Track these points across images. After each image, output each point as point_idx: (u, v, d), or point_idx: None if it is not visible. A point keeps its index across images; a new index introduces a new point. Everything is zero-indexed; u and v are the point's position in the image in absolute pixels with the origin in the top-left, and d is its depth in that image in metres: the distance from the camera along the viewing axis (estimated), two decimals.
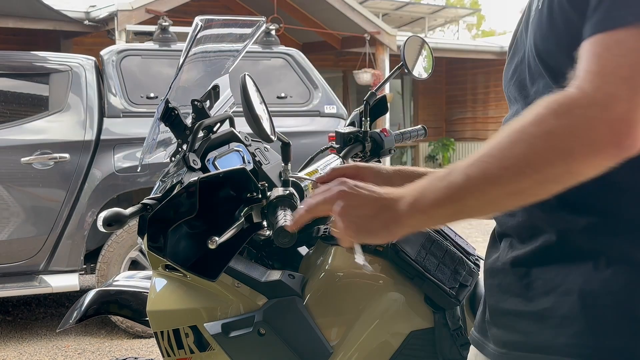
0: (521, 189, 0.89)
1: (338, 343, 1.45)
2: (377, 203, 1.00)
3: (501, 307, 1.04)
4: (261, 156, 1.73)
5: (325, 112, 5.27)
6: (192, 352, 1.51)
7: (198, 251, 1.32)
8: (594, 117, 0.83)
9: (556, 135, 0.85)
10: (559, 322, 0.95)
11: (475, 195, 0.92)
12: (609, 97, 0.83)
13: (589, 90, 0.84)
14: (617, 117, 0.82)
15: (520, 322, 1.00)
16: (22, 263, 4.43)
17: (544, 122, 0.86)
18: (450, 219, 0.97)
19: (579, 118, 0.84)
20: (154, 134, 1.76)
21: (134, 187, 4.66)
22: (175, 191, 1.50)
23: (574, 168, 0.86)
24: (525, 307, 1.00)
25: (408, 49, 1.83)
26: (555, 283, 0.96)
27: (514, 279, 1.02)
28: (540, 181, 0.88)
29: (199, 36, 1.67)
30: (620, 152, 0.84)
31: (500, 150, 0.89)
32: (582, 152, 0.84)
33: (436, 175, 0.97)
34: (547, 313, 0.97)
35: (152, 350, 4.32)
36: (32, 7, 8.32)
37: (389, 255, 1.46)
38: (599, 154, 0.84)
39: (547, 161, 0.86)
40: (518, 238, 1.04)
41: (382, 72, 10.96)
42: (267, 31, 5.37)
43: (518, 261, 1.02)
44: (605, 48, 0.85)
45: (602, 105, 0.83)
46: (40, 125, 4.56)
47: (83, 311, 2.03)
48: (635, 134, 0.83)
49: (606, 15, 0.87)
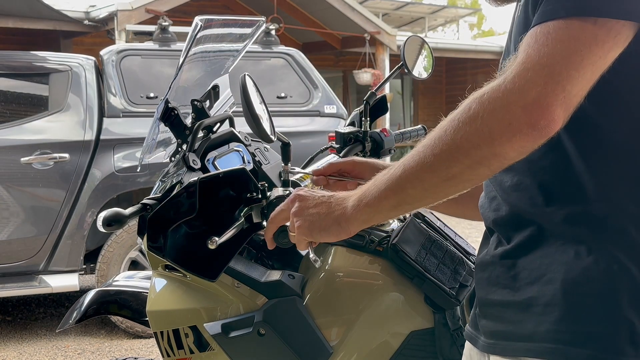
0: (454, 173, 0.96)
1: (338, 343, 1.44)
2: (328, 202, 1.10)
3: (490, 299, 1.08)
4: (261, 156, 1.73)
5: (325, 112, 5.27)
6: (192, 352, 1.51)
7: (198, 251, 1.32)
8: (510, 101, 0.90)
9: (479, 119, 0.92)
10: (542, 310, 0.99)
11: (413, 184, 0.99)
12: (526, 83, 0.90)
13: (510, 77, 0.91)
14: (532, 100, 0.89)
15: (507, 312, 1.04)
16: (22, 263, 4.42)
17: (470, 109, 0.93)
18: (396, 209, 1.04)
19: (498, 102, 0.91)
20: (153, 134, 1.76)
21: (133, 187, 4.66)
22: (175, 191, 1.50)
23: (498, 150, 0.92)
24: (512, 298, 1.04)
25: (408, 49, 1.83)
26: (539, 273, 1.01)
27: (502, 270, 1.06)
28: (469, 165, 0.94)
29: (198, 36, 1.67)
30: (536, 132, 0.90)
31: (433, 139, 0.97)
32: (502, 134, 0.91)
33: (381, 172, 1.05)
34: (531, 302, 1.01)
35: (152, 350, 4.32)
36: (32, 6, 8.32)
37: (389, 255, 1.46)
38: (516, 134, 0.91)
39: (473, 144, 0.93)
40: (504, 232, 1.08)
41: (382, 72, 10.96)
42: (267, 31, 5.37)
43: (505, 254, 1.06)
44: (534, 39, 0.93)
45: (518, 90, 0.90)
46: (40, 125, 4.56)
47: (83, 311, 2.03)
48: (548, 116, 0.90)
49: (543, 9, 0.94)
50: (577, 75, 0.90)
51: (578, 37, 0.90)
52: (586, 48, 0.90)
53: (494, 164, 0.95)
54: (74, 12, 9.10)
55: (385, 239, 1.49)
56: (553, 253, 1.00)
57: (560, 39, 0.91)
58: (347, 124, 1.90)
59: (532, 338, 1.00)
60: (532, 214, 1.03)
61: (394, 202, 1.02)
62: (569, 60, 0.90)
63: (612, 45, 0.91)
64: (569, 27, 0.91)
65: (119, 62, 4.82)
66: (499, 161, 0.94)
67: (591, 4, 0.91)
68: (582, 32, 0.90)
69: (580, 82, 0.90)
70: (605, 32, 0.90)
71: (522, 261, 1.03)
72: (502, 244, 1.08)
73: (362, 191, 1.06)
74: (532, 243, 1.03)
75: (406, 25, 14.90)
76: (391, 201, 1.02)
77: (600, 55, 0.91)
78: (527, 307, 1.01)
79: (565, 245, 1.00)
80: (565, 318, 0.97)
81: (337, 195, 1.10)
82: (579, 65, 0.90)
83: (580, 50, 0.90)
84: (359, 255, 1.50)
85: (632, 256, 0.97)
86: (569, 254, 0.99)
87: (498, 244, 1.09)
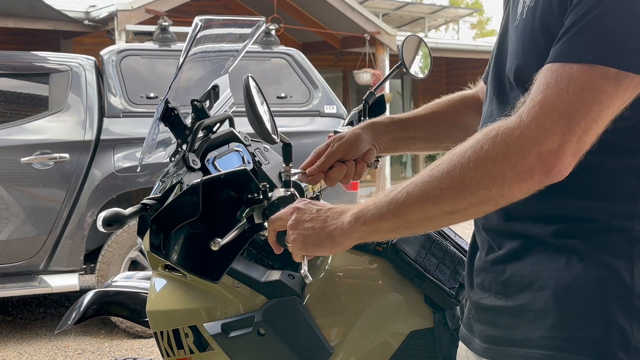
0: (457, 209, 0.97)
1: (338, 343, 1.45)
2: (324, 217, 1.10)
3: (483, 304, 1.08)
4: (261, 156, 1.73)
5: (325, 112, 5.27)
6: (191, 352, 1.51)
7: (200, 253, 1.32)
8: (525, 149, 0.90)
9: (491, 162, 0.92)
10: (534, 317, 1.00)
11: (415, 213, 0.99)
12: (543, 131, 0.89)
13: (527, 121, 0.90)
14: (548, 150, 0.89)
15: (500, 318, 1.05)
16: (22, 263, 4.42)
17: (482, 148, 0.93)
18: (393, 232, 1.05)
19: (512, 147, 0.91)
20: (153, 134, 1.76)
21: (133, 187, 4.66)
22: (175, 191, 1.50)
23: (506, 192, 0.93)
24: (504, 303, 1.04)
25: (406, 48, 1.83)
26: (530, 279, 1.01)
27: (494, 276, 1.07)
28: (475, 203, 0.95)
29: (198, 36, 1.67)
30: (548, 179, 0.91)
31: (441, 172, 0.96)
32: (514, 179, 0.91)
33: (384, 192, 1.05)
34: (524, 308, 1.02)
35: (152, 350, 4.32)
36: (32, 6, 8.31)
37: (389, 255, 1.46)
38: (528, 180, 0.91)
39: (482, 185, 0.93)
40: (494, 239, 1.08)
41: (382, 72, 10.95)
42: (267, 31, 5.37)
43: (497, 260, 1.07)
44: (555, 79, 0.90)
45: (535, 138, 0.89)
46: (40, 125, 4.56)
47: (82, 312, 2.02)
48: (561, 164, 0.90)
49: (567, 46, 0.91)
50: (594, 126, 0.89)
51: (601, 87, 0.88)
52: (608, 99, 0.89)
53: (500, 204, 0.96)
54: (74, 12, 9.10)
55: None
56: (544, 260, 1.01)
57: (583, 87, 0.89)
58: (346, 124, 1.89)
59: (526, 344, 1.01)
60: (522, 227, 1.04)
61: (392, 226, 1.02)
62: (589, 110, 0.88)
63: (631, 95, 0.91)
64: (593, 75, 0.89)
65: (119, 62, 4.82)
66: (505, 202, 0.95)
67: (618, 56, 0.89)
68: (606, 82, 0.88)
69: (596, 131, 0.90)
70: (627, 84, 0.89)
71: (513, 268, 1.04)
72: (493, 250, 1.08)
73: (361, 208, 1.05)
74: (523, 250, 1.03)
75: (406, 25, 14.89)
76: (390, 224, 1.02)
77: (619, 106, 0.90)
78: (520, 313, 1.02)
79: (556, 253, 1.00)
80: (558, 324, 0.98)
81: (334, 210, 1.11)
82: (598, 116, 0.89)
83: (601, 100, 0.88)
84: (359, 255, 1.50)
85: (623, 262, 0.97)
86: (560, 262, 0.99)
87: (489, 249, 1.09)
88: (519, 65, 1.01)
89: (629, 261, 0.97)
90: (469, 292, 1.14)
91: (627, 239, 0.97)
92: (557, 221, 1.00)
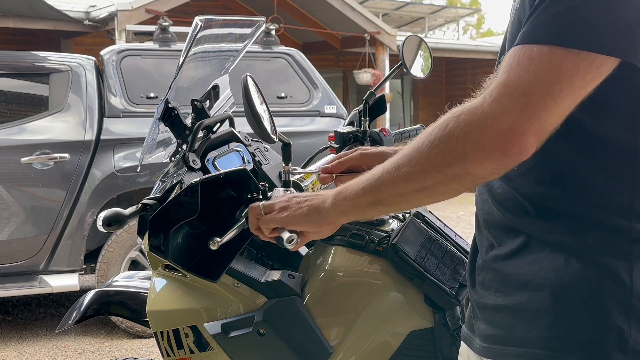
0: (427, 186, 0.99)
1: (338, 343, 1.45)
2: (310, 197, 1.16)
3: (483, 303, 1.09)
4: (261, 156, 1.73)
5: (325, 112, 5.27)
6: (192, 352, 1.51)
7: (199, 252, 1.32)
8: (485, 126, 0.91)
9: (455, 139, 0.94)
10: (532, 316, 1.01)
11: (389, 189, 1.02)
12: (502, 110, 0.91)
13: (489, 101, 0.92)
14: (506, 128, 0.90)
15: (499, 317, 1.06)
16: (22, 263, 4.42)
17: (447, 126, 0.95)
18: (372, 208, 1.08)
19: (473, 125, 0.92)
20: (153, 134, 1.76)
21: (134, 187, 4.66)
22: (175, 191, 1.50)
23: (470, 170, 0.94)
24: (502, 302, 1.05)
25: (407, 49, 1.83)
26: (528, 278, 1.02)
27: (493, 274, 1.08)
28: (442, 180, 0.97)
29: (198, 36, 1.67)
30: (507, 158, 0.92)
31: (411, 149, 0.99)
32: (475, 156, 0.93)
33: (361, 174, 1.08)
34: (522, 307, 1.02)
35: (152, 350, 4.32)
36: (32, 6, 8.32)
37: (389, 255, 1.46)
38: (488, 158, 0.92)
39: (446, 162, 0.95)
40: (495, 235, 1.09)
41: (382, 72, 10.95)
42: (267, 31, 5.37)
43: (496, 258, 1.08)
44: (517, 61, 0.92)
45: (494, 116, 0.91)
46: (40, 125, 4.56)
47: (82, 312, 2.03)
48: (521, 144, 0.90)
49: (529, 29, 0.93)
50: (554, 105, 0.90)
51: (560, 66, 0.89)
52: (567, 79, 0.89)
53: (466, 182, 0.97)
54: (74, 12, 9.10)
55: (385, 239, 1.49)
56: (542, 260, 1.01)
57: (542, 67, 0.90)
58: (346, 124, 1.89)
59: (523, 343, 1.01)
60: (521, 223, 1.04)
61: (370, 200, 1.06)
62: (549, 90, 0.89)
63: (595, 76, 0.91)
64: (552, 56, 0.90)
65: (119, 62, 4.82)
66: (471, 180, 0.97)
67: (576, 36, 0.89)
68: (565, 62, 0.89)
69: (556, 111, 0.90)
70: (588, 64, 0.90)
71: (512, 266, 1.04)
72: (493, 247, 1.09)
73: (345, 185, 1.10)
74: (522, 249, 1.04)
75: (406, 25, 14.90)
76: (367, 199, 1.06)
77: (581, 86, 0.90)
78: (518, 312, 1.02)
79: (554, 252, 1.00)
80: (555, 324, 0.98)
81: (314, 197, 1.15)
82: (557, 95, 0.90)
83: (561, 80, 0.89)
84: (359, 255, 1.50)
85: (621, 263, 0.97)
86: (558, 261, 0.99)
87: (489, 246, 1.10)
88: None
89: (627, 261, 0.97)
90: (471, 291, 1.14)
91: (625, 239, 0.97)
92: (554, 218, 1.01)
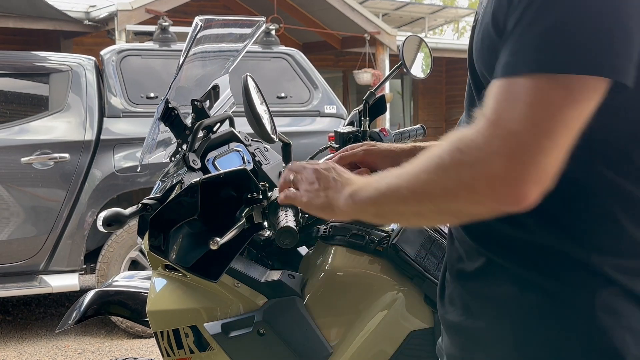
0: (421, 212, 0.94)
1: (338, 343, 1.45)
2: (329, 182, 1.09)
3: (448, 320, 1.07)
4: (261, 156, 1.73)
5: (325, 112, 5.27)
6: (192, 352, 1.51)
7: (200, 252, 1.32)
8: (478, 170, 0.83)
9: (448, 176, 0.87)
10: (492, 344, 0.98)
11: (389, 206, 0.98)
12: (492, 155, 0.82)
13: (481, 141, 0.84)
14: (497, 175, 0.82)
15: (461, 338, 1.03)
16: (22, 263, 4.42)
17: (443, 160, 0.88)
18: (377, 218, 1.07)
19: (467, 169, 0.85)
20: (153, 134, 1.76)
21: (134, 187, 4.66)
22: (175, 191, 1.50)
23: (463, 210, 0.89)
24: (465, 323, 1.02)
25: (407, 49, 1.84)
26: (488, 303, 0.99)
27: (460, 292, 1.04)
28: (435, 211, 0.93)
29: (198, 36, 1.67)
30: (502, 207, 0.84)
31: (412, 173, 0.93)
32: (466, 199, 0.86)
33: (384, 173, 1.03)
34: (482, 333, 0.99)
35: (152, 350, 4.32)
36: (32, 6, 8.32)
37: (389, 255, 1.46)
38: (480, 204, 0.86)
39: (439, 197, 0.89)
40: (463, 248, 1.05)
41: (382, 72, 10.95)
42: (267, 31, 5.37)
43: (463, 274, 1.04)
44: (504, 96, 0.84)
45: (485, 161, 0.83)
46: (40, 125, 4.56)
47: (82, 312, 2.02)
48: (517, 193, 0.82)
49: (508, 60, 0.85)
50: (549, 145, 0.80)
51: (548, 99, 0.80)
52: (558, 112, 0.80)
53: (463, 218, 0.94)
54: (74, 12, 9.10)
55: (385, 239, 1.49)
56: (503, 283, 0.97)
57: (530, 102, 0.81)
58: (346, 124, 1.90)
59: None
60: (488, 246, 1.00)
61: (374, 212, 1.03)
62: (540, 128, 0.80)
63: (587, 105, 0.81)
64: (538, 88, 0.81)
65: (119, 62, 4.81)
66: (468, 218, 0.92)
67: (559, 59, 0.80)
68: (553, 94, 0.80)
69: (554, 150, 0.81)
70: (578, 92, 0.80)
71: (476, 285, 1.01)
72: (461, 260, 1.05)
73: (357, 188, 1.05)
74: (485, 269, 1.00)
75: (406, 25, 14.89)
76: (372, 210, 1.03)
77: (574, 116, 0.81)
78: (478, 338, 1.00)
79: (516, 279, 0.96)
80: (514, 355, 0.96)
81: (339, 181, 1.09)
82: (551, 133, 0.80)
83: (552, 115, 0.80)
84: (359, 255, 1.50)
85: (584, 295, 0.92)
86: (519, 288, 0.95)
87: (458, 259, 1.06)
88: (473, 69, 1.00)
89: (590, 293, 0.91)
90: (438, 304, 1.11)
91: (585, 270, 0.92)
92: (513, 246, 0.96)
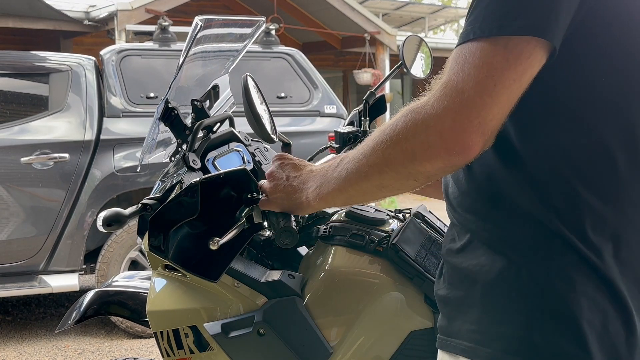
0: (385, 184, 1.04)
1: (338, 343, 1.45)
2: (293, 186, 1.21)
3: (438, 294, 1.15)
4: (261, 156, 1.73)
5: (325, 112, 5.27)
6: (191, 352, 1.51)
7: (199, 252, 1.32)
8: (429, 126, 0.94)
9: (404, 139, 0.97)
10: (466, 310, 1.06)
11: (354, 187, 1.08)
12: (443, 109, 0.93)
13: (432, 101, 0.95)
14: (447, 126, 0.93)
15: (447, 309, 1.11)
16: (22, 263, 4.42)
17: (397, 126, 0.98)
18: (347, 203, 1.17)
19: (420, 126, 0.95)
20: (153, 134, 1.76)
21: (133, 187, 4.66)
22: (175, 191, 1.50)
23: (420, 169, 0.98)
24: (449, 294, 1.11)
25: (407, 48, 1.83)
26: (467, 273, 1.07)
27: (447, 267, 1.13)
28: (398, 178, 1.01)
29: (198, 36, 1.67)
30: (453, 157, 0.94)
31: (369, 149, 1.03)
32: (423, 156, 0.96)
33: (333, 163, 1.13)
34: (461, 301, 1.07)
35: (152, 350, 4.32)
36: (32, 6, 8.32)
37: (389, 255, 1.46)
38: (435, 157, 0.95)
39: (399, 162, 0.99)
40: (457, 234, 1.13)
41: (382, 72, 10.95)
42: (267, 31, 5.37)
43: (450, 252, 1.12)
44: (455, 61, 0.95)
45: (436, 116, 0.94)
46: (40, 125, 4.56)
47: (82, 312, 2.02)
48: (463, 142, 0.93)
49: (464, 29, 0.97)
50: (490, 101, 0.91)
51: (490, 61, 0.91)
52: (498, 72, 0.91)
53: (420, 179, 1.01)
54: (74, 12, 9.10)
55: (385, 239, 1.49)
56: (480, 255, 1.05)
57: (474, 63, 0.92)
58: (346, 124, 1.89)
59: (458, 335, 1.07)
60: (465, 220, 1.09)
61: (342, 198, 1.12)
62: (482, 86, 0.91)
63: (527, 67, 0.92)
64: (481, 51, 0.92)
65: (119, 62, 4.82)
66: (424, 177, 1.00)
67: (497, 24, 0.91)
68: (494, 56, 0.91)
69: (494, 107, 0.91)
70: (517, 55, 0.91)
71: (458, 262, 1.09)
72: (454, 241, 1.13)
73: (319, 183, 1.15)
74: (467, 245, 1.08)
75: (406, 25, 14.89)
76: (340, 197, 1.12)
77: (515, 78, 0.91)
78: (459, 305, 1.08)
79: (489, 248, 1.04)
80: (482, 318, 1.03)
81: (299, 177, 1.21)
82: (492, 90, 0.91)
83: (492, 75, 0.91)
84: (359, 255, 1.50)
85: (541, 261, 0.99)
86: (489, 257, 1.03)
87: (451, 240, 1.14)
88: None
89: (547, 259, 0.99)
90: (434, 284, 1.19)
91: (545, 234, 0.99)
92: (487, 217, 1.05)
